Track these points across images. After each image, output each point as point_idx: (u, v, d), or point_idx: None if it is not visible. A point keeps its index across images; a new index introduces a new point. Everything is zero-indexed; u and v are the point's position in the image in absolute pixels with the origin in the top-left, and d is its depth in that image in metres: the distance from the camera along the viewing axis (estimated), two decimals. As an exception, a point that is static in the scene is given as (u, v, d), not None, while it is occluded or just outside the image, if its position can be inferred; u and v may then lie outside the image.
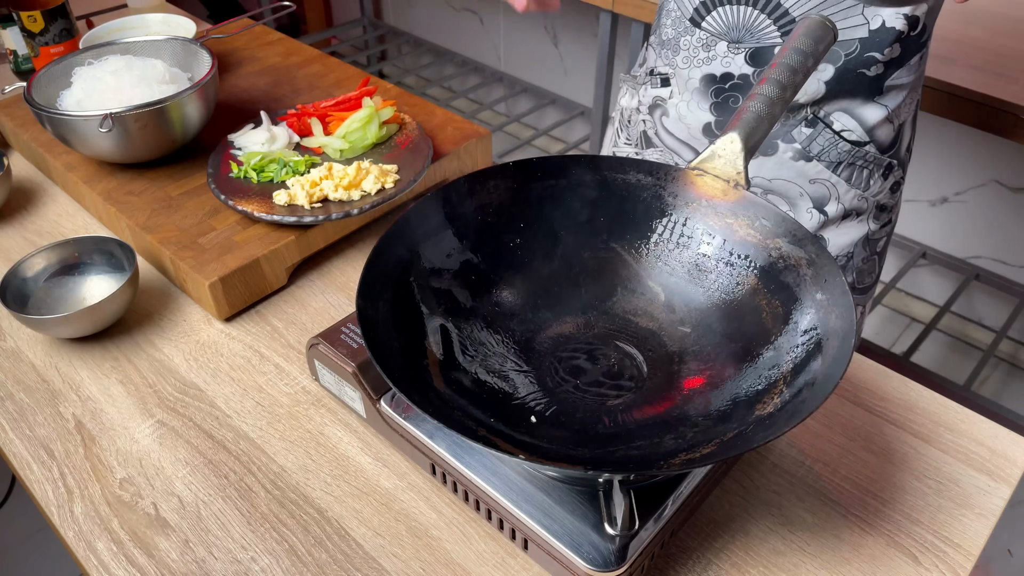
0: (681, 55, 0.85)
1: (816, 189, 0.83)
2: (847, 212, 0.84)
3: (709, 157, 0.63)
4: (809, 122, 0.80)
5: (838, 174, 0.81)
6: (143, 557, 0.60)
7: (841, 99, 0.78)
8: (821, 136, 0.80)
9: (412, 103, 1.06)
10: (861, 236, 0.86)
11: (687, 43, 0.84)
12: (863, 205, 0.84)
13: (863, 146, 0.80)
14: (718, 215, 0.66)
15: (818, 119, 0.79)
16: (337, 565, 0.59)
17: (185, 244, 0.83)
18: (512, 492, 0.57)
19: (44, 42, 1.14)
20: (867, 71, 0.76)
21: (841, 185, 0.82)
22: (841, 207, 0.83)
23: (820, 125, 0.79)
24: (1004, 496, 0.64)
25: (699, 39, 0.83)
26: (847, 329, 0.54)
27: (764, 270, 0.63)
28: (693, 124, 0.86)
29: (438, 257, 0.66)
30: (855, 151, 0.80)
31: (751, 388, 0.59)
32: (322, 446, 0.68)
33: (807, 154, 0.81)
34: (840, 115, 0.79)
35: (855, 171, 0.81)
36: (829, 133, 0.79)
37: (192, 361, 0.77)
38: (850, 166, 0.81)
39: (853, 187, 0.82)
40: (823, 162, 0.81)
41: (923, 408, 0.72)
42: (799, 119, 0.80)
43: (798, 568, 0.59)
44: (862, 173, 0.81)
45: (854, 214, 0.84)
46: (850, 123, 0.79)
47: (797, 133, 0.81)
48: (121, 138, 0.88)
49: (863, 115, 0.79)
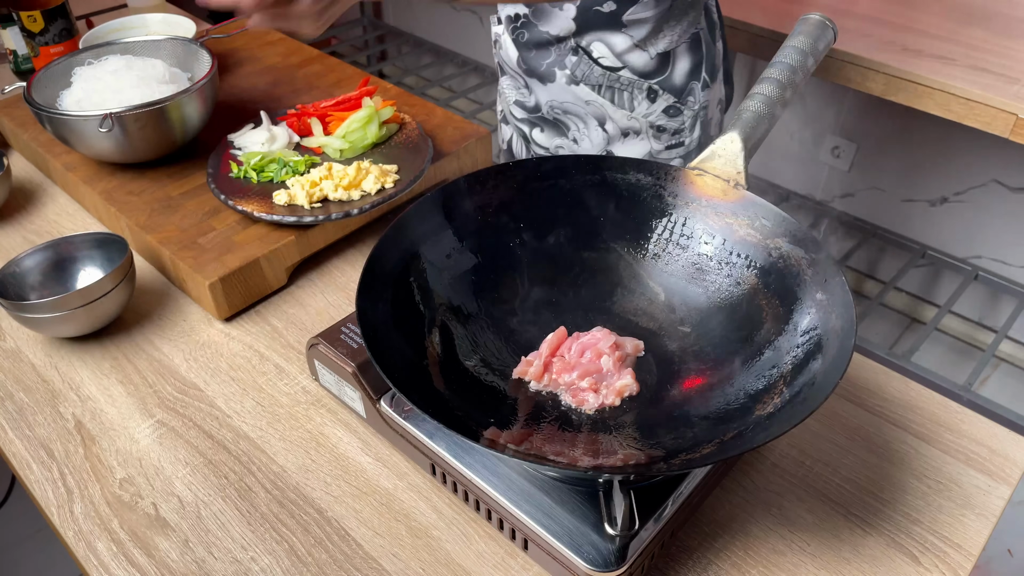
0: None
1: (592, 110, 0.96)
2: (624, 131, 0.97)
3: (709, 157, 0.63)
4: (574, 50, 0.93)
5: (602, 96, 0.95)
6: (143, 557, 0.60)
7: (591, 31, 0.91)
8: (583, 63, 0.94)
9: (412, 103, 1.06)
10: (646, 153, 0.98)
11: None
12: (635, 124, 0.96)
13: (617, 71, 0.93)
14: (718, 215, 0.66)
15: (580, 48, 0.93)
16: (337, 565, 0.59)
17: (185, 244, 0.83)
18: (512, 492, 0.57)
19: (44, 42, 1.14)
20: (601, 8, 0.89)
21: (608, 106, 0.95)
22: (616, 126, 0.96)
23: (581, 53, 0.93)
24: (1004, 496, 0.64)
25: None
26: (847, 329, 0.54)
27: (764, 270, 0.63)
28: (511, 56, 1.00)
29: (438, 257, 0.66)
30: (610, 75, 0.93)
31: (751, 388, 0.59)
32: (322, 446, 0.68)
33: (575, 79, 0.95)
34: (597, 44, 0.92)
35: (615, 93, 0.94)
36: (588, 60, 0.93)
37: (192, 361, 0.77)
38: (610, 88, 0.94)
39: (618, 107, 0.95)
40: (588, 85, 0.95)
41: (923, 408, 0.72)
42: (567, 49, 0.94)
43: (798, 568, 0.59)
44: (623, 95, 0.94)
45: (632, 133, 0.97)
46: (603, 51, 0.92)
47: (568, 61, 0.94)
48: (121, 138, 0.88)
49: (613, 43, 0.92)
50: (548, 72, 0.96)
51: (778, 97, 0.63)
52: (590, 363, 0.60)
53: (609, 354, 0.60)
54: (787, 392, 0.56)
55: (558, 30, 0.93)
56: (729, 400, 0.59)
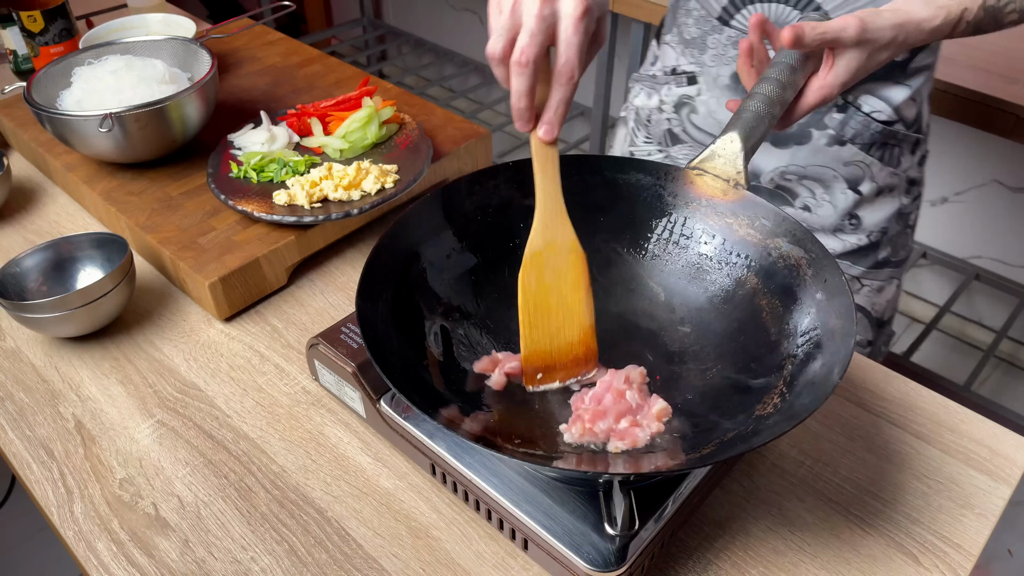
0: (709, 53, 0.86)
1: (850, 171, 0.85)
2: (880, 189, 0.86)
3: (709, 157, 0.63)
4: (840, 108, 0.81)
5: (871, 154, 0.84)
6: (143, 557, 0.60)
7: (866, 83, 0.79)
8: (853, 120, 0.82)
9: (412, 103, 1.06)
10: (894, 211, 0.88)
11: (715, 41, 0.85)
12: (895, 181, 0.86)
13: (892, 125, 0.82)
14: (718, 215, 0.66)
15: (848, 103, 0.81)
16: (337, 565, 0.59)
17: (185, 244, 0.83)
18: (512, 492, 0.57)
19: (44, 42, 1.14)
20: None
21: (875, 165, 0.84)
22: (875, 185, 0.85)
23: (851, 109, 0.81)
24: (1004, 496, 0.64)
25: (728, 37, 0.83)
26: (847, 329, 0.54)
27: (764, 270, 0.63)
28: (724, 120, 0.87)
29: (438, 257, 0.66)
30: (886, 131, 0.82)
31: (751, 388, 0.59)
32: (322, 446, 0.68)
33: (841, 138, 0.83)
34: (867, 98, 0.81)
35: (887, 150, 0.83)
36: (860, 116, 0.81)
37: (192, 361, 0.77)
38: (883, 146, 0.83)
39: (886, 165, 0.84)
40: (857, 144, 0.83)
41: (923, 408, 0.72)
42: (830, 105, 0.81)
43: (798, 568, 0.59)
44: (893, 151, 0.84)
45: (887, 190, 0.86)
46: (878, 104, 0.81)
47: (829, 119, 0.82)
48: (121, 138, 0.88)
49: (890, 96, 0.81)
50: (798, 134, 0.84)
51: (778, 97, 0.63)
52: (616, 403, 0.59)
53: (628, 387, 0.60)
54: (787, 392, 0.56)
55: None
56: (729, 400, 0.59)
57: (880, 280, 0.91)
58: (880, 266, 0.90)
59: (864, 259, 0.89)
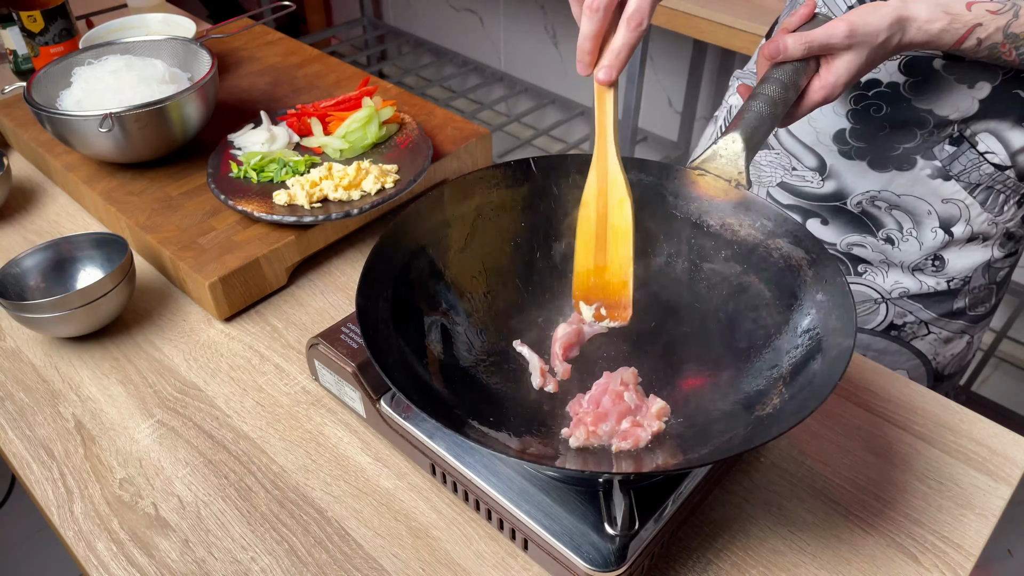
0: None
1: (947, 209, 0.80)
2: (974, 235, 0.81)
3: (711, 157, 0.63)
4: (954, 140, 0.76)
5: (974, 196, 0.79)
6: (143, 557, 0.60)
7: (990, 119, 0.75)
8: (964, 156, 0.77)
9: (412, 103, 1.06)
10: (983, 262, 0.83)
11: None
12: (991, 230, 0.81)
13: (1004, 170, 0.77)
14: (719, 215, 0.66)
15: (964, 138, 0.76)
16: (337, 565, 0.59)
17: (185, 244, 0.83)
18: (512, 492, 0.57)
19: (44, 42, 1.14)
20: (1022, 92, 0.73)
21: (975, 207, 0.79)
22: (969, 229, 0.80)
23: (965, 144, 0.76)
24: (1004, 496, 0.64)
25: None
26: (847, 329, 0.54)
27: (764, 270, 0.63)
28: (824, 129, 0.82)
29: (439, 257, 0.66)
30: (996, 175, 0.77)
31: (751, 388, 0.59)
32: (322, 446, 0.68)
33: (946, 173, 0.78)
34: (986, 136, 0.76)
35: (991, 195, 0.78)
36: (973, 153, 0.76)
37: (192, 361, 0.77)
38: (988, 189, 0.78)
39: (986, 211, 0.79)
40: (961, 182, 0.78)
41: (923, 408, 0.72)
42: (944, 136, 0.76)
43: (798, 568, 0.59)
44: (998, 198, 0.79)
45: (980, 238, 0.81)
46: (995, 146, 0.76)
47: (939, 150, 0.77)
48: (121, 138, 0.88)
49: (1009, 138, 0.76)
50: (902, 158, 0.78)
51: (780, 98, 0.63)
52: (615, 405, 0.59)
53: (626, 388, 0.60)
54: (787, 392, 0.56)
55: (949, 111, 0.75)
56: (729, 400, 0.59)
57: (950, 331, 0.86)
58: (954, 316, 0.85)
59: (938, 305, 0.84)
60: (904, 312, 0.85)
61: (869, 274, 0.85)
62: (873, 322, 0.87)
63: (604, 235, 0.63)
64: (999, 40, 0.64)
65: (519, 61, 2.80)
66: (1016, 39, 0.64)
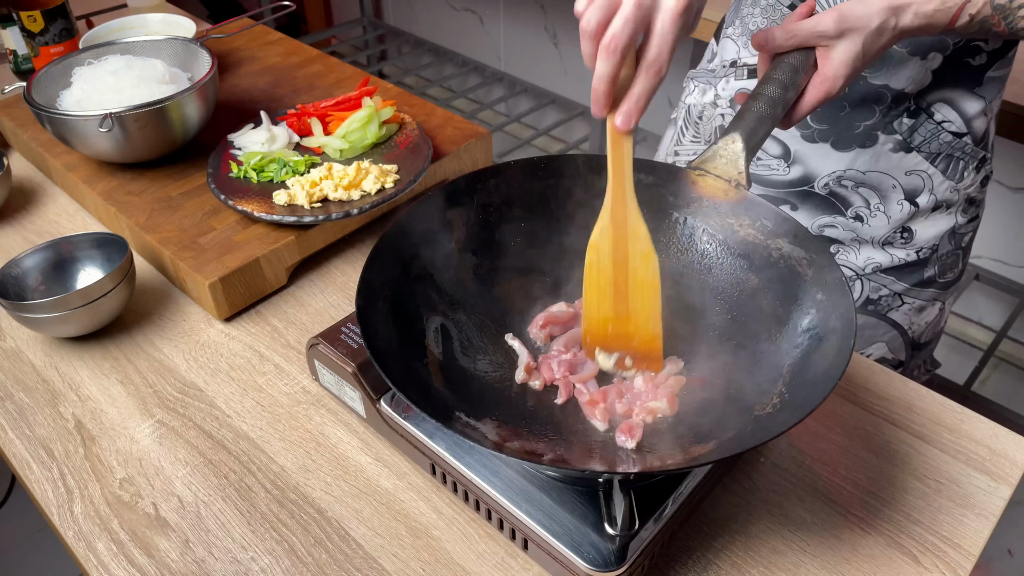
0: None
1: (910, 180, 0.82)
2: (938, 204, 0.83)
3: (711, 157, 0.63)
4: (911, 112, 0.79)
5: (935, 165, 0.81)
6: (143, 557, 0.60)
7: (944, 89, 0.77)
8: (923, 127, 0.79)
9: (412, 103, 1.06)
10: (948, 229, 0.85)
11: None
12: (954, 197, 0.84)
13: (962, 137, 0.80)
14: (719, 215, 0.66)
15: (921, 109, 0.78)
16: (337, 565, 0.59)
17: (185, 244, 0.83)
18: (512, 492, 0.57)
19: (44, 42, 1.14)
20: (972, 60, 0.75)
21: (937, 176, 0.82)
22: (933, 198, 0.83)
23: (923, 116, 0.78)
24: (1004, 496, 0.64)
25: None
26: (847, 329, 0.54)
27: (764, 270, 0.63)
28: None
29: (438, 257, 0.66)
30: (955, 142, 0.80)
31: (751, 388, 0.59)
32: (322, 446, 0.68)
33: (907, 145, 0.80)
34: (941, 106, 0.78)
35: (952, 163, 0.81)
36: (931, 124, 0.79)
37: (192, 361, 0.77)
38: (948, 157, 0.80)
39: (948, 179, 0.82)
40: (923, 153, 0.80)
41: (923, 408, 0.72)
42: (901, 109, 0.78)
43: (798, 568, 0.59)
44: (958, 165, 0.81)
45: (944, 206, 0.84)
46: (951, 114, 0.79)
47: (898, 124, 0.79)
48: (121, 138, 0.88)
49: (963, 106, 0.78)
50: (863, 135, 0.80)
51: (780, 98, 0.63)
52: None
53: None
54: (787, 392, 0.56)
55: (905, 83, 0.77)
56: (729, 400, 0.59)
57: (923, 300, 0.89)
58: (925, 285, 0.88)
59: (909, 276, 0.87)
60: (879, 286, 0.87)
61: (842, 253, 0.87)
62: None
63: (624, 285, 0.61)
64: (988, 13, 0.65)
65: (519, 61, 2.80)
66: (1004, 10, 0.65)
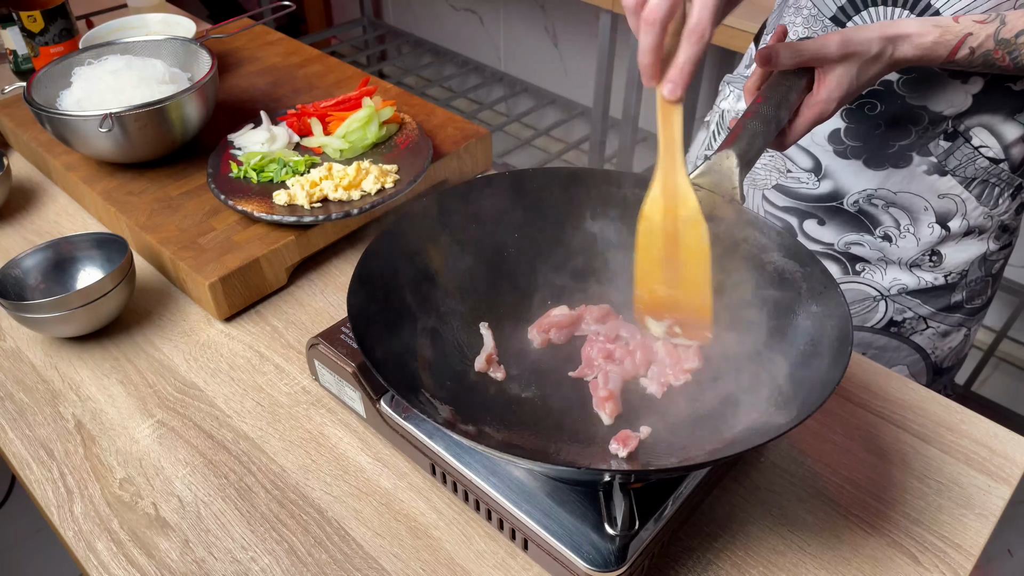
0: None
1: (943, 204, 0.80)
2: (970, 229, 0.82)
3: (705, 172, 0.63)
4: (948, 135, 0.77)
5: (970, 190, 0.79)
6: (143, 557, 0.60)
7: (983, 113, 0.76)
8: (959, 151, 0.77)
9: (412, 103, 1.06)
10: (979, 255, 0.84)
11: None
12: (987, 223, 0.82)
13: (999, 163, 0.78)
14: (712, 229, 0.66)
15: (958, 133, 0.77)
16: (337, 565, 0.59)
17: (185, 244, 0.83)
18: (512, 492, 0.57)
19: (44, 42, 1.14)
20: (1013, 85, 0.74)
21: (971, 202, 0.80)
22: (966, 223, 0.81)
23: (960, 139, 0.77)
24: (1004, 496, 0.64)
25: None
26: (844, 333, 0.54)
27: (759, 283, 0.63)
28: (818, 129, 0.82)
29: (434, 259, 0.67)
30: (991, 168, 0.78)
31: (751, 390, 0.59)
32: (322, 446, 0.68)
33: (942, 168, 0.78)
34: (979, 131, 0.77)
35: (987, 188, 0.79)
36: (968, 148, 0.77)
37: (192, 361, 0.77)
38: (983, 183, 0.79)
39: (982, 205, 0.80)
40: (957, 177, 0.79)
41: (923, 408, 0.72)
42: (938, 131, 0.77)
43: (798, 568, 0.59)
44: (993, 191, 0.79)
45: (976, 231, 0.82)
46: (988, 139, 0.77)
47: (934, 146, 0.78)
48: (121, 138, 0.88)
49: (1003, 132, 0.77)
50: (897, 155, 0.79)
51: (773, 117, 0.63)
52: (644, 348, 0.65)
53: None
54: (787, 392, 0.56)
55: (944, 106, 0.75)
56: (728, 402, 0.59)
57: (948, 325, 0.87)
58: (951, 310, 0.86)
59: (936, 300, 0.85)
60: (903, 308, 0.86)
61: (867, 272, 0.85)
62: (873, 320, 0.87)
63: (674, 254, 0.61)
64: (991, 47, 0.64)
65: (519, 61, 2.80)
66: (1008, 44, 0.64)
